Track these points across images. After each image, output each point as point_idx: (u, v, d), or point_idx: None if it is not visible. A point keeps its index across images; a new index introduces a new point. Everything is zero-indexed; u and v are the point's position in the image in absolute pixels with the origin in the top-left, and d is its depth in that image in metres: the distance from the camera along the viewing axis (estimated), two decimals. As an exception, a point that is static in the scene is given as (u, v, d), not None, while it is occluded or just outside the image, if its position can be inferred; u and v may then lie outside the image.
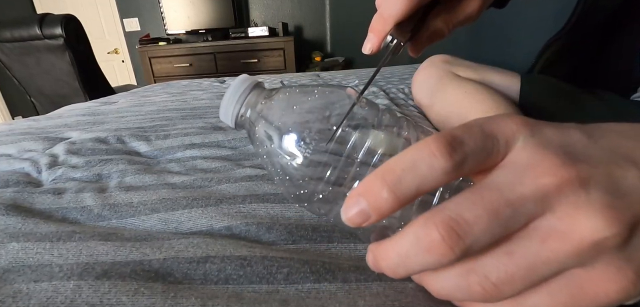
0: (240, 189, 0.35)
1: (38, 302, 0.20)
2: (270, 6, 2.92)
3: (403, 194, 0.13)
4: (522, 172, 0.13)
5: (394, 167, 0.14)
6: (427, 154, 0.13)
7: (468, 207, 0.13)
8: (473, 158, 0.14)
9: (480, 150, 0.14)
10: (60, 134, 0.61)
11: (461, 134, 0.14)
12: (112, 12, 3.00)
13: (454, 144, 0.13)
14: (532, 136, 0.14)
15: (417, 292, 0.21)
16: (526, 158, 0.13)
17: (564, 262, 0.12)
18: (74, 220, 0.32)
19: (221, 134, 0.54)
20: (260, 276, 0.23)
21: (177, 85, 1.22)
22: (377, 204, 0.14)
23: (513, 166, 0.14)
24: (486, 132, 0.14)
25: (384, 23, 0.23)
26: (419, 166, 0.13)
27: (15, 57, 1.50)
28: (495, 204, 0.13)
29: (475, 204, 0.13)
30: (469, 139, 0.14)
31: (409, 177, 0.13)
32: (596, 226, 0.12)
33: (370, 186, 0.14)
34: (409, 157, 0.14)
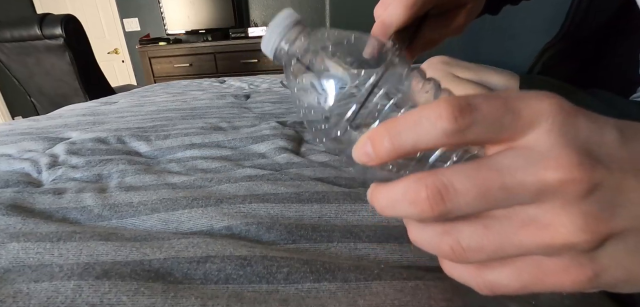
0: (240, 189, 0.35)
1: (38, 302, 0.21)
2: (270, 6, 2.92)
3: (400, 146, 0.14)
4: (534, 161, 0.13)
5: (400, 120, 0.14)
6: (433, 113, 0.13)
7: (460, 178, 0.13)
8: (482, 128, 0.13)
9: (492, 123, 0.13)
10: (60, 134, 0.61)
11: (480, 101, 0.13)
12: (112, 12, 3.00)
13: (465, 109, 0.13)
14: (563, 125, 0.13)
15: (416, 291, 0.22)
16: (545, 147, 0.13)
17: (534, 250, 0.13)
18: (74, 220, 0.32)
19: (221, 134, 0.54)
20: (260, 275, 0.23)
21: (177, 85, 1.22)
22: (378, 150, 0.15)
23: (527, 152, 0.13)
24: (509, 106, 0.13)
25: (385, 30, 0.24)
26: (421, 123, 0.14)
27: (15, 57, 1.50)
28: (488, 185, 0.13)
29: (468, 177, 0.13)
30: (485, 108, 0.13)
31: (408, 132, 0.14)
32: (573, 230, 0.12)
33: (376, 132, 0.15)
34: (416, 113, 0.14)
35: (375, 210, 0.16)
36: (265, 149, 0.49)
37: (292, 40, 0.22)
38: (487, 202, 0.13)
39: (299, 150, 0.50)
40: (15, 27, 1.41)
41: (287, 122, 0.62)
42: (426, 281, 0.22)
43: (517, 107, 0.13)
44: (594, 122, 0.13)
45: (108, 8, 3.00)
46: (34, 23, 1.38)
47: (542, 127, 0.13)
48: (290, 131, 0.55)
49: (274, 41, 0.22)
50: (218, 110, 0.75)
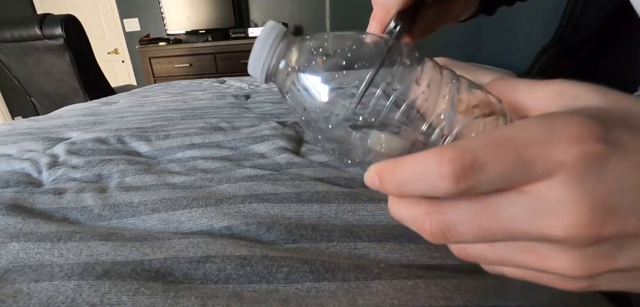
0: (240, 189, 0.35)
1: (39, 302, 0.21)
2: (270, 6, 2.92)
3: (405, 193, 0.15)
4: (542, 214, 0.12)
5: (405, 167, 0.14)
6: (435, 171, 0.13)
7: (464, 219, 0.13)
8: (487, 185, 0.12)
9: (500, 178, 0.12)
10: (60, 134, 0.61)
11: (488, 158, 0.12)
12: (112, 12, 3.00)
13: (469, 172, 0.12)
14: (586, 175, 0.11)
15: (415, 289, 0.22)
16: (555, 198, 0.12)
17: (531, 268, 0.14)
18: (75, 220, 0.32)
19: (221, 134, 0.54)
20: (260, 275, 0.23)
21: (177, 85, 1.23)
22: (385, 188, 0.15)
23: (537, 201, 0.12)
24: (523, 160, 0.12)
25: (386, 11, 0.24)
26: (424, 179, 0.13)
27: (15, 57, 1.50)
28: (491, 229, 0.13)
29: (472, 219, 0.13)
30: (493, 167, 0.12)
31: (412, 186, 0.14)
32: (571, 267, 0.12)
33: (384, 172, 0.15)
34: (420, 166, 0.13)
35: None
36: (265, 149, 0.49)
37: (283, 54, 0.20)
38: (488, 241, 0.14)
39: (299, 150, 0.50)
40: (15, 27, 1.41)
41: (287, 123, 0.62)
42: (426, 279, 0.22)
43: (532, 158, 0.12)
44: (627, 162, 0.12)
45: (108, 8, 3.00)
46: (34, 23, 1.38)
47: (557, 178, 0.12)
48: (290, 131, 0.55)
49: (264, 61, 0.20)
50: (218, 111, 0.75)
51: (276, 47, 0.20)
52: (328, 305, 0.21)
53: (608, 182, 0.11)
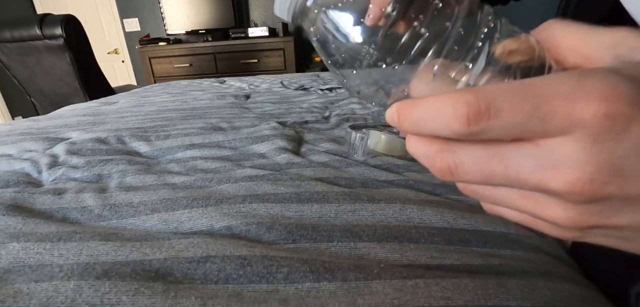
0: (240, 189, 0.35)
1: (38, 302, 0.21)
2: (270, 6, 2.91)
3: (420, 131, 0.15)
4: (546, 167, 0.12)
5: (421, 106, 0.14)
6: (450, 112, 0.13)
7: (472, 164, 0.14)
8: (500, 131, 0.12)
9: (514, 127, 0.12)
10: (60, 134, 0.61)
11: (506, 105, 0.12)
12: (112, 12, 3.00)
13: (484, 114, 0.12)
14: (602, 136, 0.11)
15: (415, 289, 0.22)
16: (565, 156, 0.12)
17: (527, 212, 0.14)
18: (75, 220, 0.32)
19: (221, 134, 0.54)
20: (260, 275, 0.23)
21: (177, 85, 1.23)
22: (402, 126, 0.16)
23: (544, 154, 0.12)
24: (542, 112, 0.12)
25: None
26: (439, 118, 0.13)
27: (15, 57, 1.50)
28: (496, 175, 0.13)
29: (479, 165, 0.14)
30: (509, 115, 0.12)
31: (426, 124, 0.14)
32: (566, 220, 0.13)
33: (402, 109, 0.15)
34: (436, 106, 0.14)
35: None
36: (265, 149, 0.49)
37: None
38: (491, 185, 0.14)
39: (299, 150, 0.50)
40: (15, 27, 1.41)
41: (287, 123, 0.62)
42: (426, 279, 0.22)
43: (551, 112, 0.12)
44: None
45: (108, 8, 3.00)
46: (34, 23, 1.38)
47: (573, 136, 0.12)
48: (290, 131, 0.55)
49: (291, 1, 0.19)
50: (218, 111, 0.75)
51: None
52: (328, 305, 0.21)
53: (624, 145, 0.11)
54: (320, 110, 0.76)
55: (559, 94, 0.12)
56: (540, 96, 0.12)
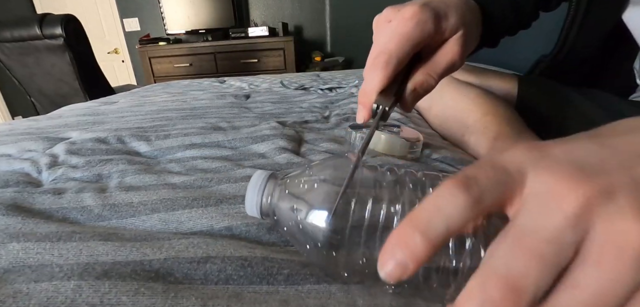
0: (241, 189, 0.35)
1: (38, 303, 0.21)
2: (270, 6, 2.92)
3: (435, 236, 0.14)
4: (545, 203, 0.13)
5: (420, 213, 0.14)
6: (447, 194, 0.14)
7: (514, 258, 0.13)
8: (490, 191, 0.14)
9: (495, 183, 0.14)
10: (60, 134, 0.61)
11: (473, 172, 0.14)
12: (112, 12, 3.00)
13: (468, 181, 0.14)
14: (540, 159, 0.14)
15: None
16: (542, 186, 0.14)
17: (630, 273, 0.12)
18: (74, 220, 0.32)
19: (221, 134, 0.54)
20: (260, 276, 0.23)
21: (177, 85, 1.23)
22: (413, 251, 0.14)
23: (535, 199, 0.14)
24: (496, 165, 0.15)
25: (367, 96, 0.25)
26: (443, 207, 0.14)
27: (15, 57, 1.50)
28: (537, 247, 0.13)
29: (518, 253, 0.13)
30: (482, 174, 0.14)
31: (437, 219, 0.14)
32: (638, 229, 0.12)
33: (402, 236, 0.14)
34: (431, 203, 0.14)
35: None
36: (265, 149, 0.49)
37: (271, 192, 0.23)
38: (550, 264, 0.13)
39: (299, 150, 0.50)
40: (15, 27, 1.41)
41: (287, 122, 0.62)
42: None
43: (502, 163, 0.15)
44: (565, 144, 0.14)
45: (108, 8, 3.00)
46: (34, 23, 1.38)
47: (530, 172, 0.14)
48: (290, 131, 0.55)
49: (257, 200, 0.23)
50: (218, 110, 0.75)
51: (263, 188, 0.23)
52: (328, 306, 0.21)
53: (559, 155, 0.14)
54: (320, 110, 0.76)
55: (496, 156, 0.15)
56: (486, 161, 0.15)
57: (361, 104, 0.26)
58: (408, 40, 0.25)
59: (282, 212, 0.22)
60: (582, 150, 0.14)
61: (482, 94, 0.56)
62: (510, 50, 1.10)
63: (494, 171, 0.14)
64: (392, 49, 0.24)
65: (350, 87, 1.00)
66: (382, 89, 0.25)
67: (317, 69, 2.53)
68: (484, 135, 0.52)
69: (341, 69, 2.68)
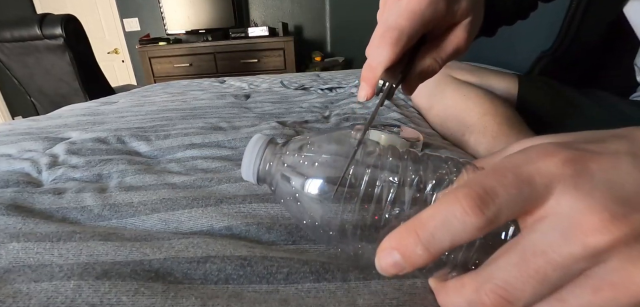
0: (241, 189, 0.35)
1: (38, 302, 0.21)
2: (270, 6, 2.92)
3: (436, 250, 0.14)
4: (568, 229, 0.12)
5: (426, 222, 0.14)
6: (459, 211, 0.13)
7: (515, 275, 0.13)
8: (508, 210, 0.13)
9: (515, 200, 0.13)
10: (60, 134, 0.61)
11: (494, 184, 0.13)
12: (112, 12, 3.00)
13: (485, 198, 0.13)
14: (575, 178, 0.13)
15: (413, 289, 0.22)
16: (570, 210, 0.12)
17: (582, 259, 0.12)
18: (74, 220, 0.32)
19: (221, 134, 0.54)
20: (260, 275, 0.23)
21: (177, 85, 1.23)
22: (411, 259, 0.14)
23: (556, 220, 0.13)
24: (522, 177, 0.13)
25: (373, 71, 0.24)
26: (451, 223, 0.13)
27: (15, 57, 1.50)
28: (543, 270, 0.13)
29: (521, 270, 0.13)
30: (502, 190, 0.13)
31: (441, 234, 0.13)
32: None
33: (403, 241, 0.14)
34: (441, 214, 0.13)
35: None
36: (265, 149, 0.49)
37: (270, 158, 0.22)
38: (549, 285, 0.13)
39: (299, 150, 0.50)
40: (15, 27, 1.41)
41: (287, 122, 0.62)
42: (424, 280, 0.22)
43: (530, 176, 0.13)
44: (607, 160, 0.13)
45: (108, 8, 3.00)
46: (34, 23, 1.38)
47: (559, 188, 0.13)
48: (290, 131, 0.55)
49: (254, 164, 0.22)
50: (218, 110, 0.75)
51: (262, 153, 0.23)
52: (328, 305, 0.21)
53: (598, 177, 0.13)
54: (320, 109, 0.76)
55: (521, 162, 0.13)
56: (510, 169, 0.13)
57: (365, 80, 0.24)
58: (420, 18, 0.23)
59: (280, 183, 0.21)
60: (623, 174, 0.13)
61: (482, 93, 0.56)
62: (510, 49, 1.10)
63: (516, 185, 0.13)
64: (404, 26, 0.23)
65: (350, 87, 1.00)
66: (389, 67, 0.23)
67: (317, 69, 2.53)
68: (483, 135, 0.52)
69: (341, 69, 2.68)
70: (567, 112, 0.55)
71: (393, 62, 0.23)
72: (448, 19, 0.25)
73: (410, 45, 0.24)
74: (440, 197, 0.14)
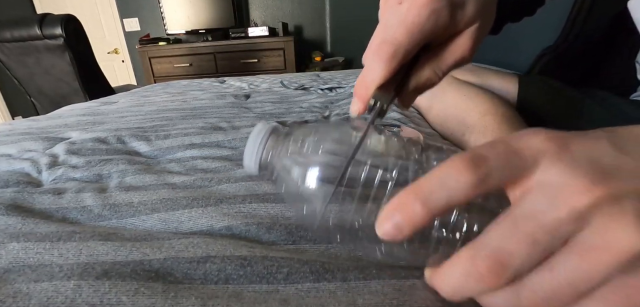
0: (240, 189, 0.35)
1: (38, 302, 0.21)
2: (270, 6, 2.92)
3: (434, 206, 0.15)
4: (554, 195, 0.14)
5: (423, 183, 0.15)
6: (453, 170, 0.14)
7: (508, 239, 0.14)
8: (498, 172, 0.14)
9: (504, 166, 0.14)
10: (60, 134, 0.61)
11: (485, 151, 0.15)
12: (112, 12, 3.00)
13: (477, 160, 0.14)
14: (559, 152, 0.14)
15: (414, 289, 0.22)
16: (555, 178, 0.14)
17: (606, 273, 0.13)
18: (74, 220, 0.32)
19: (221, 134, 0.54)
20: (260, 275, 0.23)
21: (177, 85, 1.23)
22: (411, 217, 0.15)
23: (543, 188, 0.14)
24: (511, 148, 0.15)
25: (365, 88, 0.23)
26: (446, 181, 0.14)
27: (15, 57, 1.50)
28: (533, 233, 0.14)
29: (513, 235, 0.14)
30: (493, 155, 0.14)
31: (438, 192, 0.15)
32: (632, 237, 0.12)
33: (403, 201, 0.15)
34: (436, 175, 0.15)
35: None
36: (265, 149, 0.49)
37: (273, 147, 0.22)
38: (539, 249, 0.14)
39: (299, 150, 0.50)
40: (15, 27, 1.41)
41: (287, 122, 0.62)
42: (423, 279, 0.22)
43: (518, 147, 0.15)
44: (586, 140, 0.15)
45: (108, 8, 3.00)
46: (34, 23, 1.38)
47: (544, 161, 0.14)
48: (290, 131, 0.55)
49: (257, 153, 0.22)
50: (218, 110, 0.75)
51: (265, 142, 0.22)
52: (328, 305, 0.21)
53: (579, 152, 0.14)
54: (320, 109, 0.76)
55: (512, 138, 0.15)
56: (502, 141, 0.15)
57: (358, 96, 0.23)
58: (419, 31, 0.21)
59: (282, 174, 0.22)
60: (601, 150, 0.14)
61: (482, 93, 0.56)
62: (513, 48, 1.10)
63: (506, 154, 0.15)
64: (400, 41, 0.21)
65: (350, 87, 1.00)
66: (383, 83, 0.22)
67: (317, 69, 2.53)
68: (483, 135, 0.52)
69: (341, 69, 2.68)
70: (567, 113, 0.55)
71: (386, 79, 0.22)
72: (451, 29, 0.23)
73: (408, 59, 0.23)
74: (438, 166, 0.15)
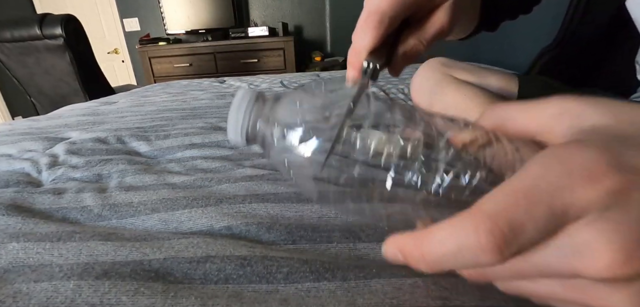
0: (240, 189, 0.35)
1: (38, 302, 0.21)
2: (270, 6, 2.91)
3: (439, 270, 0.14)
4: (578, 253, 0.11)
5: (435, 248, 0.13)
6: (474, 245, 0.12)
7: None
8: (529, 243, 0.12)
9: (540, 233, 0.12)
10: (60, 134, 0.61)
11: (523, 218, 0.12)
12: (112, 12, 2.99)
13: (509, 238, 0.12)
14: (612, 210, 0.11)
15: (414, 288, 0.22)
16: (587, 240, 0.11)
17: (568, 277, 0.13)
18: (74, 220, 0.32)
19: (221, 134, 0.54)
20: (260, 275, 0.23)
21: (177, 85, 1.23)
22: (414, 266, 0.15)
23: (570, 240, 0.12)
24: (556, 211, 0.12)
25: (357, 55, 0.25)
26: (462, 254, 0.13)
27: (15, 57, 1.50)
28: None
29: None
30: (531, 225, 0.12)
31: (449, 261, 0.13)
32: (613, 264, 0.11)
33: (409, 250, 0.14)
34: (454, 242, 0.13)
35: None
36: (265, 149, 0.49)
37: (259, 114, 0.20)
38: (523, 278, 0.13)
39: (299, 150, 0.50)
40: (15, 27, 1.41)
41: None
42: (424, 278, 0.22)
43: (563, 207, 0.12)
44: None
45: (108, 8, 3.00)
46: (34, 23, 1.38)
47: (584, 220, 0.12)
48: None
49: (242, 123, 0.20)
50: (218, 110, 0.75)
51: (250, 110, 0.21)
52: (328, 305, 0.21)
53: (633, 215, 0.11)
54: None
55: (560, 187, 0.12)
56: (546, 196, 0.12)
57: (350, 64, 0.26)
58: (401, 1, 0.24)
59: (270, 142, 0.20)
60: None
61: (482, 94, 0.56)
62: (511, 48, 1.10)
63: (547, 219, 0.12)
64: (385, 9, 0.24)
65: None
66: (373, 49, 0.25)
67: (317, 69, 2.53)
68: None
69: (341, 69, 2.68)
70: None
71: (377, 45, 0.24)
72: (429, 3, 0.26)
73: (393, 28, 0.25)
74: (459, 218, 0.13)
